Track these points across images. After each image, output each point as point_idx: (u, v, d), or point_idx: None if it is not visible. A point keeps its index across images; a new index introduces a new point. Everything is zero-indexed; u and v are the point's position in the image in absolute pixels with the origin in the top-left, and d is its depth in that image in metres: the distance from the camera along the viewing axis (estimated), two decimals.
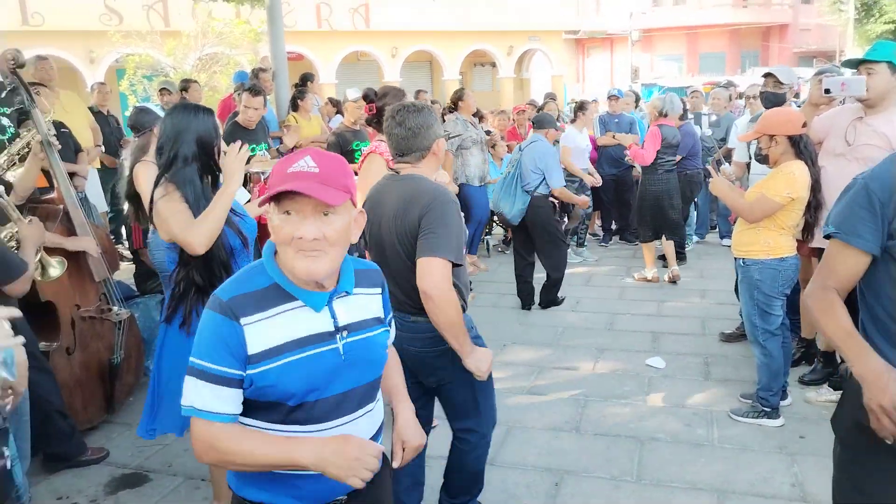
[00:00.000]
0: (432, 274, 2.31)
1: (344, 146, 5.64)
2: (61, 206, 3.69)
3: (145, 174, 2.99)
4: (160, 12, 19.81)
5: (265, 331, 1.46)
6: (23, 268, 2.65)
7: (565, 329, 5.45)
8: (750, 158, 5.11)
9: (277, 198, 1.44)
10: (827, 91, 3.74)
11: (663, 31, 32.10)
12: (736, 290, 4.57)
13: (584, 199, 6.42)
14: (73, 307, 3.72)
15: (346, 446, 1.46)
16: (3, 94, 3.93)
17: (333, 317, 1.54)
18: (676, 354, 4.81)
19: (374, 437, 1.65)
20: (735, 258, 3.85)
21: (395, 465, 1.69)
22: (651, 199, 6.44)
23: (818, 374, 4.17)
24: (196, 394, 1.46)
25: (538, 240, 5.85)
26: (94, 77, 17.72)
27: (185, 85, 7.56)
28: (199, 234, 2.51)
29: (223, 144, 2.77)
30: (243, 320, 1.45)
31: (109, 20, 18.55)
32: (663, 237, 6.55)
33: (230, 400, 1.47)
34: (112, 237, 5.66)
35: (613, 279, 6.77)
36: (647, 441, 3.64)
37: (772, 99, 4.70)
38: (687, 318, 5.57)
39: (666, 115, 6.54)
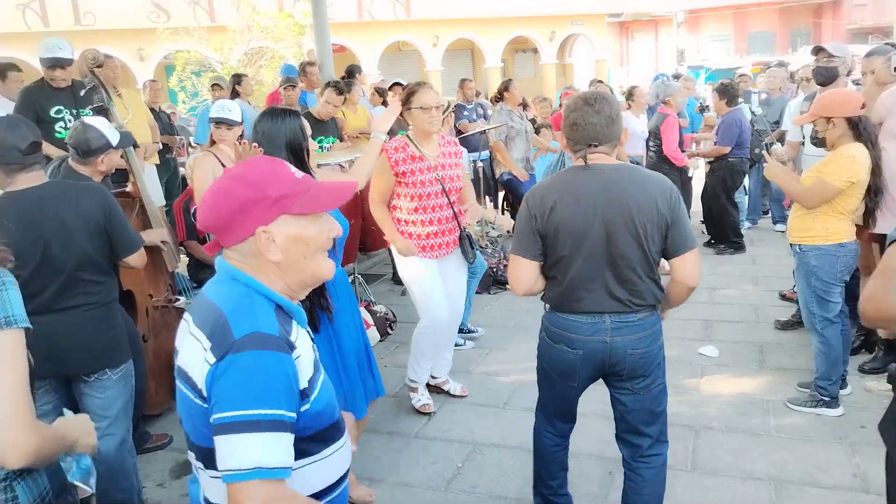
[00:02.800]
0: (696, 265, 2.44)
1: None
2: (137, 199, 3.83)
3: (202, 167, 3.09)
4: (205, 8, 20.18)
5: (300, 355, 1.37)
6: (140, 241, 2.85)
7: None
8: (804, 138, 4.98)
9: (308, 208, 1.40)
10: None
11: (710, 11, 31.35)
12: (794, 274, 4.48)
13: None
14: (147, 296, 3.87)
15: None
16: (83, 93, 4.12)
17: (307, 329, 1.50)
18: (730, 342, 4.74)
19: None
20: (791, 244, 3.77)
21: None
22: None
23: (879, 363, 4.07)
24: (264, 450, 1.22)
25: None
26: (145, 74, 18.15)
27: (238, 80, 7.72)
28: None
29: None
30: (295, 353, 1.35)
31: (157, 18, 18.98)
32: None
33: (291, 452, 1.29)
34: None
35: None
36: (702, 430, 3.61)
37: (824, 74, 4.58)
38: (740, 306, 5.48)
39: (667, 102, 6.47)
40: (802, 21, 30.96)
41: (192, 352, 1.34)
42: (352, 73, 8.12)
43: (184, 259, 5.87)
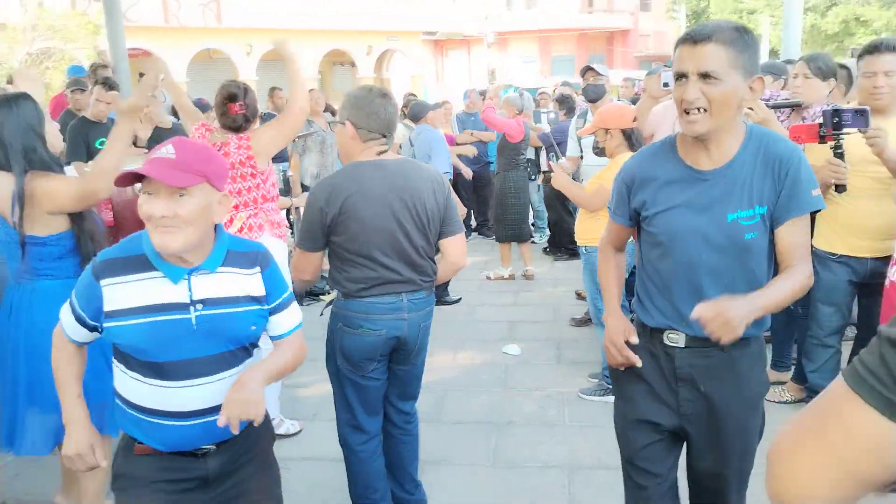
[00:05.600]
0: (463, 247, 2.76)
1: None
2: None
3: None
4: None
5: (121, 292, 1.70)
6: None
7: None
8: (581, 152, 5.41)
9: (142, 179, 1.64)
10: (665, 85, 4.07)
11: (517, 34, 33.37)
12: None
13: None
14: None
15: (80, 439, 1.82)
16: None
17: (189, 290, 1.72)
18: (531, 340, 5.02)
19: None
20: (578, 246, 4.07)
21: (221, 421, 1.67)
22: (505, 197, 6.65)
23: None
24: (65, 310, 1.82)
25: None
26: None
27: (10, 79, 6.92)
28: (101, 177, 2.52)
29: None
30: (103, 281, 1.71)
31: None
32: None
33: (79, 332, 1.81)
34: None
35: (473, 273, 6.93)
36: (504, 425, 3.77)
37: (593, 91, 5.08)
38: (541, 307, 5.82)
39: (521, 112, 6.82)
40: (598, 48, 33.92)
41: None
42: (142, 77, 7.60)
43: None
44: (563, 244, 7.51)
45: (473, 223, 8.85)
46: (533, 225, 8.57)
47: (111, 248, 1.78)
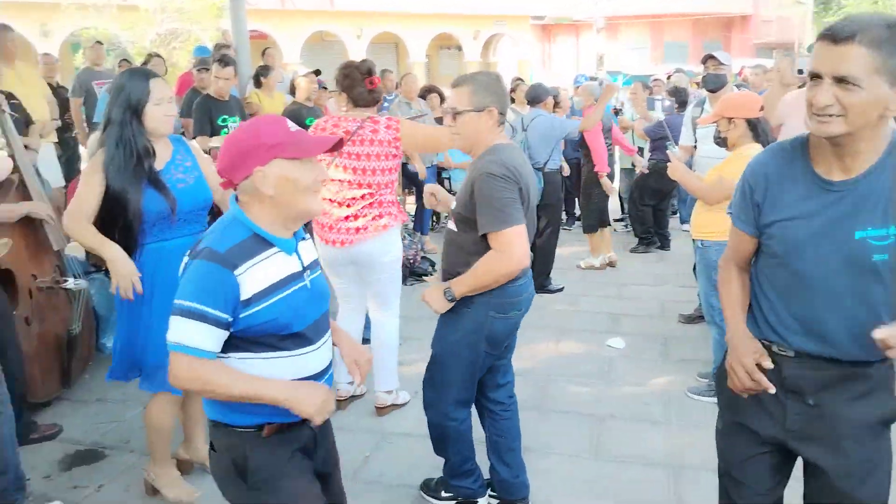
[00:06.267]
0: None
1: (299, 122, 5.59)
2: (16, 175, 3.58)
3: None
4: None
5: (255, 276, 1.72)
6: None
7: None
8: (696, 141, 5.19)
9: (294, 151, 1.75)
10: (801, 71, 3.80)
11: (628, 20, 32.34)
12: (695, 270, 4.66)
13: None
14: (31, 277, 3.61)
15: (318, 390, 1.77)
16: None
17: (300, 258, 1.85)
18: (636, 335, 4.89)
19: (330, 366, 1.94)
20: (693, 240, 3.92)
21: (358, 380, 1.87)
22: (590, 187, 6.50)
23: None
24: (185, 332, 1.67)
25: (545, 217, 5.70)
26: (49, 51, 17.14)
27: (148, 59, 7.38)
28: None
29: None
30: (237, 271, 1.70)
31: None
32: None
33: (216, 340, 1.70)
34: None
35: (573, 262, 6.83)
36: (606, 418, 3.70)
37: (714, 80, 4.84)
38: (647, 301, 5.66)
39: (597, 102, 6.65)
40: (714, 34, 32.38)
41: None
42: (258, 76, 7.90)
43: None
44: (652, 236, 7.31)
45: (578, 213, 8.70)
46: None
47: (217, 238, 1.73)
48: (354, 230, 3.52)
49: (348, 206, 3.51)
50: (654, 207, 7.31)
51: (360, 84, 3.52)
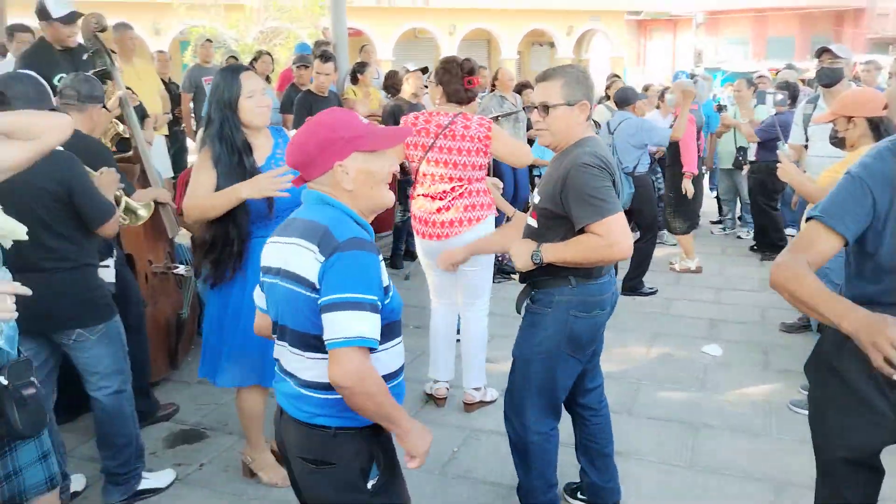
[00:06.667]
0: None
1: (397, 118, 5.65)
2: (138, 165, 3.79)
3: None
4: None
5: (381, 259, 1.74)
6: (112, 209, 2.79)
7: (618, 311, 5.33)
8: (807, 140, 4.92)
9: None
10: None
11: (729, 14, 31.06)
12: None
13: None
14: (146, 262, 3.84)
15: (429, 435, 1.75)
16: (86, 57, 4.04)
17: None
18: (734, 343, 4.70)
19: None
20: None
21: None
22: (679, 190, 6.23)
23: None
24: (360, 324, 1.58)
25: (640, 222, 5.66)
26: (160, 48, 18.11)
27: (257, 55, 7.69)
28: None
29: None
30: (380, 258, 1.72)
31: None
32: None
33: (379, 329, 1.66)
34: None
35: (665, 264, 6.62)
36: (702, 428, 3.57)
37: (829, 75, 4.57)
38: (746, 307, 5.43)
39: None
40: (823, 29, 30.63)
41: (302, 257, 1.67)
42: (355, 73, 8.07)
43: (185, 231, 5.85)
44: (772, 242, 6.92)
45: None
46: (740, 219, 8.03)
47: (347, 228, 1.68)
48: (449, 223, 3.56)
49: (440, 199, 3.56)
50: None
51: (458, 81, 3.57)
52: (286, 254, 1.72)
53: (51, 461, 2.08)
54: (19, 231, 1.87)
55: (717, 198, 8.24)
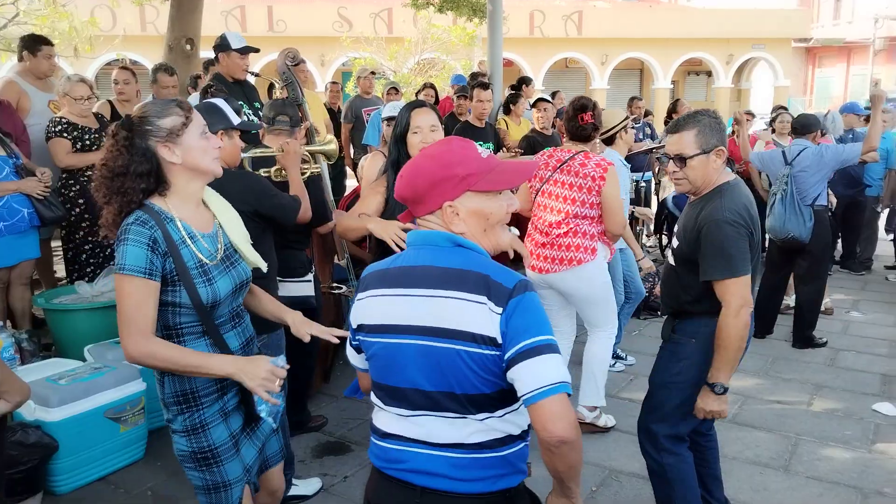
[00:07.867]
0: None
1: (535, 150, 5.67)
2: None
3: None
4: (385, 20, 21.26)
5: None
6: (297, 201, 3.05)
7: (776, 359, 5.01)
8: None
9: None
10: None
11: None
12: None
13: None
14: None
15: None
16: (278, 89, 4.41)
17: None
18: None
19: None
20: None
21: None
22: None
23: None
24: (561, 368, 1.45)
25: (810, 261, 5.18)
26: (325, 79, 19.39)
27: (421, 89, 8.10)
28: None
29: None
30: None
31: (341, 27, 20.25)
32: None
33: None
34: None
35: (837, 311, 6.11)
36: (872, 494, 3.24)
37: None
38: None
39: (824, 134, 5.88)
40: None
41: (469, 311, 1.46)
42: (521, 83, 8.21)
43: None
44: None
45: (837, 255, 7.76)
46: None
47: (504, 269, 1.55)
48: (551, 259, 3.65)
49: (546, 234, 3.66)
50: None
51: (573, 118, 3.70)
52: (437, 310, 1.49)
53: (279, 435, 2.32)
54: (261, 264, 2.14)
55: (894, 241, 7.52)
